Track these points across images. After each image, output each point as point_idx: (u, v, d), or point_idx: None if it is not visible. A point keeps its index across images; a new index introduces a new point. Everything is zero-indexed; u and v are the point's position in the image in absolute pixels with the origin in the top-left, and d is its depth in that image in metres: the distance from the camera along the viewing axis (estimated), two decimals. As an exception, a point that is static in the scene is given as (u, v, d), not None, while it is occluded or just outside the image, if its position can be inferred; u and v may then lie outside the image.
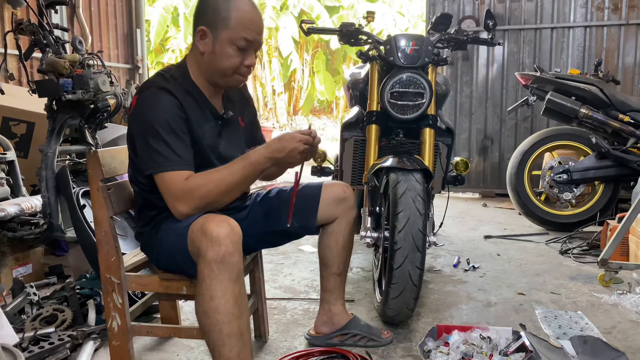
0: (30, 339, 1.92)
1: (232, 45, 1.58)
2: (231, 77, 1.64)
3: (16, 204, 2.52)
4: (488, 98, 5.58)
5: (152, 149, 1.53)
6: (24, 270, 2.61)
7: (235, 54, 1.59)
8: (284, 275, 2.91)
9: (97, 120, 2.69)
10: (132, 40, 6.82)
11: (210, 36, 1.58)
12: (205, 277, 1.43)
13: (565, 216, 4.07)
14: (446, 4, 5.62)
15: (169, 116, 1.55)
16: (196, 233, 1.46)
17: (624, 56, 5.18)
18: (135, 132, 1.58)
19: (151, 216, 1.68)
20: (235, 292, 1.43)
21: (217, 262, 1.41)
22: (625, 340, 2.10)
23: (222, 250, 1.40)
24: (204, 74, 1.64)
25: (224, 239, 1.41)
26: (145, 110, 1.56)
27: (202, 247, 1.43)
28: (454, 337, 1.88)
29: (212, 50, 1.59)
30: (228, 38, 1.57)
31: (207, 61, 1.61)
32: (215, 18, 1.57)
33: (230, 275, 1.42)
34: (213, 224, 1.43)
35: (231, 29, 1.57)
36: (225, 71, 1.62)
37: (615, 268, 2.71)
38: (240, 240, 1.45)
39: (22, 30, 2.53)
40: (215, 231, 1.41)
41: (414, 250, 1.98)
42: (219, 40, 1.58)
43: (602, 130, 3.86)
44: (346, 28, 2.54)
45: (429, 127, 2.47)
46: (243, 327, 1.45)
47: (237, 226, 1.46)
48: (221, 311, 1.42)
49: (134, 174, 1.69)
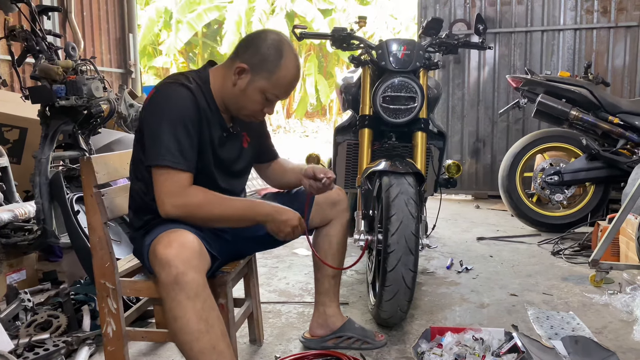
0: (25, 345, 1.91)
1: (263, 94, 1.62)
2: (246, 115, 1.69)
3: (10, 210, 2.52)
4: (480, 101, 5.62)
5: (160, 140, 1.51)
6: (17, 277, 2.60)
7: (261, 102, 1.64)
8: (279, 279, 2.92)
9: (91, 126, 2.70)
10: (125, 44, 6.82)
11: (248, 77, 1.61)
12: (165, 300, 1.43)
13: (556, 217, 4.11)
14: (437, 8, 5.66)
15: (185, 113, 1.54)
16: (151, 256, 1.47)
17: (613, 58, 5.24)
18: (147, 120, 1.57)
19: (146, 220, 1.67)
20: (196, 309, 1.41)
21: (170, 283, 1.40)
22: (616, 339, 2.12)
23: (173, 272, 1.40)
24: (225, 97, 1.66)
25: (173, 260, 1.40)
26: (162, 101, 1.55)
27: (156, 270, 1.44)
28: (447, 338, 1.89)
29: (243, 88, 1.62)
30: (263, 88, 1.61)
31: (233, 93, 1.64)
32: (260, 65, 1.60)
33: (187, 294, 1.40)
34: (162, 245, 1.43)
35: (270, 83, 1.61)
36: (245, 110, 1.66)
37: (606, 268, 2.74)
38: (194, 255, 1.43)
39: (15, 37, 2.52)
40: (163, 254, 1.41)
41: (407, 253, 2.00)
42: (253, 85, 1.61)
43: (592, 132, 3.90)
44: (338, 33, 2.56)
45: (421, 130, 2.50)
46: (215, 340, 1.43)
47: (191, 241, 1.45)
48: (186, 331, 1.42)
49: (135, 170, 1.67)
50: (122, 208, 1.79)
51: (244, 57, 1.61)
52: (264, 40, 1.62)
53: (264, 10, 15.42)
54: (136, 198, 1.69)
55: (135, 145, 1.66)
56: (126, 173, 1.90)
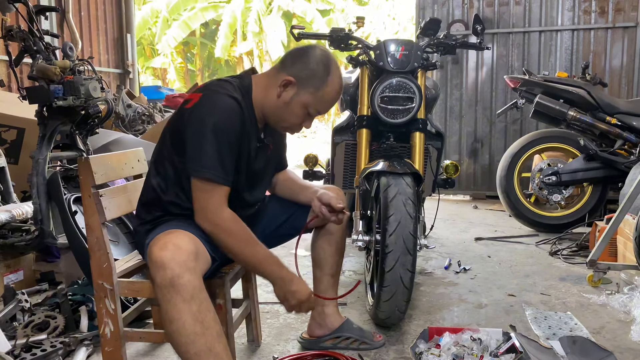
0: (23, 346, 1.91)
1: (306, 108, 1.66)
2: (284, 127, 1.73)
3: (7, 210, 2.51)
4: (478, 101, 5.63)
5: (204, 151, 1.52)
6: (15, 277, 2.59)
7: (303, 116, 1.68)
8: (277, 279, 2.91)
9: (88, 126, 2.69)
10: (123, 45, 6.81)
11: (294, 91, 1.64)
12: (160, 302, 1.43)
13: (554, 218, 4.11)
14: (435, 8, 5.66)
15: (232, 127, 1.56)
16: (148, 256, 1.47)
17: (610, 59, 5.25)
18: (193, 127, 1.55)
19: (156, 215, 1.65)
20: (192, 311, 1.41)
21: (166, 286, 1.40)
22: (614, 339, 2.13)
23: (168, 275, 1.39)
24: (266, 108, 1.67)
25: (168, 263, 1.40)
26: (210, 111, 1.55)
27: (152, 272, 1.44)
28: (445, 339, 1.90)
29: (287, 101, 1.64)
30: (307, 102, 1.65)
31: (276, 105, 1.66)
32: (307, 80, 1.64)
33: (183, 296, 1.40)
34: (157, 248, 1.43)
35: (314, 98, 1.65)
36: (285, 123, 1.70)
37: (603, 269, 2.75)
38: (189, 257, 1.43)
39: (12, 37, 2.51)
40: (158, 256, 1.41)
41: (405, 253, 2.00)
42: (297, 99, 1.64)
43: (590, 132, 3.91)
44: (336, 33, 2.57)
45: (419, 131, 2.50)
46: (211, 342, 1.43)
47: (187, 243, 1.45)
48: (182, 333, 1.41)
49: (157, 165, 1.66)
50: (120, 209, 1.79)
51: (291, 70, 1.64)
52: (313, 55, 1.66)
53: (258, 11, 15.40)
54: (151, 192, 1.67)
55: (165, 142, 1.65)
56: (125, 173, 1.90)
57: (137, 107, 5.15)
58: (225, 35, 15.26)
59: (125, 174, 1.92)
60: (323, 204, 1.85)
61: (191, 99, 1.60)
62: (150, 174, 1.70)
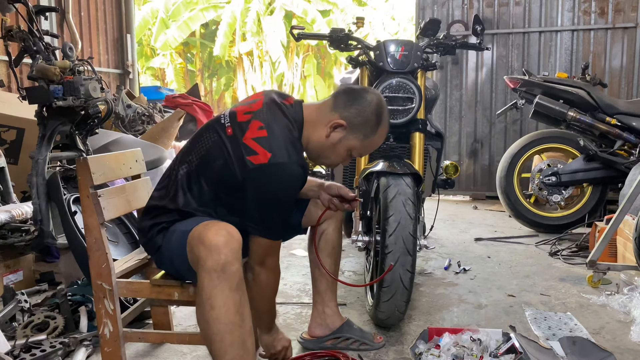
0: (22, 346, 1.91)
1: (349, 151, 1.69)
2: (322, 162, 1.78)
3: (6, 210, 2.51)
4: (477, 101, 5.63)
5: (272, 220, 1.57)
6: (14, 278, 2.59)
7: (345, 157, 1.72)
8: (276, 280, 2.91)
9: (88, 127, 2.69)
10: (123, 45, 6.81)
11: (343, 134, 1.66)
12: (205, 286, 1.42)
13: (554, 218, 4.11)
14: (435, 8, 5.67)
15: (297, 192, 1.65)
16: (195, 241, 1.45)
17: (610, 59, 5.25)
18: (260, 190, 1.54)
19: (173, 219, 1.61)
20: (236, 301, 1.42)
21: (216, 271, 1.40)
22: (614, 340, 2.13)
23: (222, 259, 1.40)
24: (311, 144, 1.69)
25: (222, 247, 1.40)
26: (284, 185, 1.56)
27: (202, 256, 1.42)
28: (444, 339, 1.89)
29: (335, 143, 1.67)
30: (352, 146, 1.69)
31: (322, 143, 1.68)
32: (358, 127, 1.66)
33: (230, 284, 1.41)
34: (211, 232, 1.42)
35: (361, 144, 1.69)
36: (326, 160, 1.74)
37: (603, 269, 2.75)
38: (239, 247, 1.44)
39: (12, 37, 2.51)
40: (213, 240, 1.41)
41: (405, 253, 2.00)
42: (346, 142, 1.67)
43: (589, 132, 3.91)
44: (336, 34, 2.56)
45: (418, 131, 2.50)
46: (245, 335, 1.44)
47: (237, 233, 1.46)
48: (222, 320, 1.41)
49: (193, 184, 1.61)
50: (119, 209, 1.78)
51: (344, 113, 1.65)
52: (369, 103, 1.66)
53: (258, 11, 15.40)
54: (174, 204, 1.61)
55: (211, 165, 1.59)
56: (123, 174, 1.90)
57: (136, 108, 5.15)
58: (225, 34, 15.25)
59: (123, 174, 1.92)
60: (333, 195, 1.88)
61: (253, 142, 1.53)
62: (179, 185, 1.62)
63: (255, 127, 1.56)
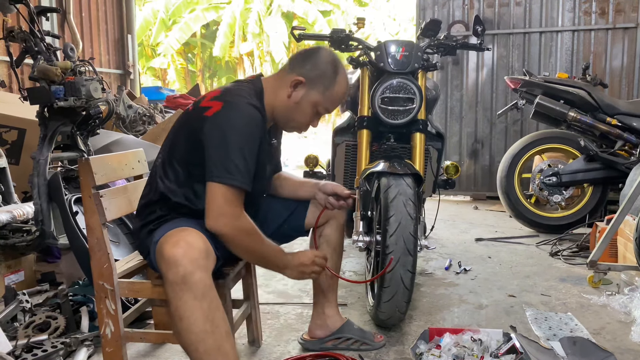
0: (23, 346, 1.91)
1: (315, 107, 1.72)
2: (293, 127, 1.78)
3: (8, 211, 2.51)
4: (478, 102, 5.63)
5: (229, 158, 1.52)
6: (16, 278, 2.60)
7: (311, 115, 1.74)
8: (277, 280, 2.92)
9: (89, 127, 2.69)
10: (123, 45, 6.82)
11: (304, 91, 1.69)
12: (171, 299, 1.43)
13: (555, 218, 4.12)
14: (436, 9, 5.67)
15: (256, 136, 1.60)
16: (158, 255, 1.48)
17: (611, 60, 5.25)
18: (217, 136, 1.54)
19: (158, 215, 1.65)
20: (203, 309, 1.41)
21: (177, 283, 1.40)
22: (614, 340, 2.13)
23: (180, 272, 1.40)
24: (277, 108, 1.72)
25: (181, 259, 1.40)
26: (238, 122, 1.56)
27: (163, 270, 1.44)
28: (445, 339, 1.90)
29: (298, 101, 1.70)
30: (316, 101, 1.71)
31: (286, 105, 1.71)
32: (317, 80, 1.70)
33: (194, 294, 1.40)
34: (169, 245, 1.43)
35: (323, 97, 1.71)
36: (294, 122, 1.75)
37: (604, 269, 2.75)
38: (200, 255, 1.43)
39: (13, 38, 2.52)
40: (170, 253, 1.41)
41: (406, 254, 2.00)
42: (308, 98, 1.70)
43: (590, 133, 3.91)
44: (337, 34, 2.57)
45: (419, 131, 2.50)
46: (220, 341, 1.43)
47: (198, 240, 1.45)
48: (193, 330, 1.42)
49: (168, 170, 1.65)
50: (121, 209, 1.79)
51: (301, 71, 1.69)
52: (321, 56, 1.72)
53: (259, 12, 15.41)
54: (158, 193, 1.66)
55: (177, 145, 1.65)
56: (125, 174, 1.91)
57: (137, 108, 5.15)
58: (225, 34, 15.26)
59: (125, 175, 1.92)
60: (328, 194, 1.90)
61: (210, 107, 1.59)
62: (157, 175, 1.69)
63: (211, 95, 1.66)
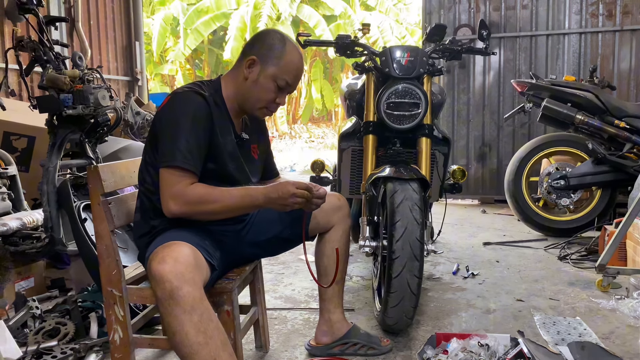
0: (33, 352, 1.93)
1: (274, 82, 1.73)
2: (260, 109, 1.77)
3: (18, 218, 2.54)
4: (485, 105, 5.62)
5: (172, 143, 1.58)
6: (26, 284, 2.62)
7: (273, 90, 1.74)
8: (285, 285, 2.92)
9: (98, 135, 2.72)
10: (131, 52, 6.87)
11: (259, 67, 1.72)
12: (162, 315, 1.46)
13: (563, 222, 4.09)
14: (442, 13, 5.67)
15: (197, 115, 1.62)
16: (147, 271, 1.51)
17: (618, 62, 5.22)
18: (161, 125, 1.64)
19: (152, 225, 1.69)
20: (194, 322, 1.42)
21: (166, 299, 1.42)
22: (623, 345, 2.11)
23: (167, 287, 1.41)
24: (238, 96, 1.75)
25: (167, 275, 1.42)
26: (175, 107, 1.63)
27: (152, 286, 1.48)
28: (452, 344, 1.89)
29: (256, 79, 1.72)
30: (273, 74, 1.72)
31: (247, 87, 1.73)
32: (268, 54, 1.72)
33: (183, 307, 1.41)
34: (155, 262, 1.45)
35: (279, 68, 1.72)
36: (260, 102, 1.75)
37: (613, 273, 2.73)
38: (187, 269, 1.44)
39: (23, 47, 2.55)
40: (156, 270, 1.43)
41: (412, 259, 2.00)
42: (264, 74, 1.72)
43: (598, 136, 3.89)
44: (342, 40, 2.58)
45: (425, 136, 2.50)
46: (215, 351, 1.44)
47: (185, 254, 1.46)
48: (186, 344, 1.43)
49: (143, 173, 1.72)
50: (129, 216, 1.80)
51: (252, 52, 1.74)
52: (267, 34, 1.79)
53: (270, 16, 15.46)
54: (144, 201, 1.73)
55: (146, 148, 1.72)
56: (133, 181, 1.92)
57: (145, 115, 5.18)
58: (235, 38, 15.34)
59: (134, 182, 1.93)
60: None
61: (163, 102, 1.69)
62: (140, 184, 1.76)
63: (167, 98, 1.70)
